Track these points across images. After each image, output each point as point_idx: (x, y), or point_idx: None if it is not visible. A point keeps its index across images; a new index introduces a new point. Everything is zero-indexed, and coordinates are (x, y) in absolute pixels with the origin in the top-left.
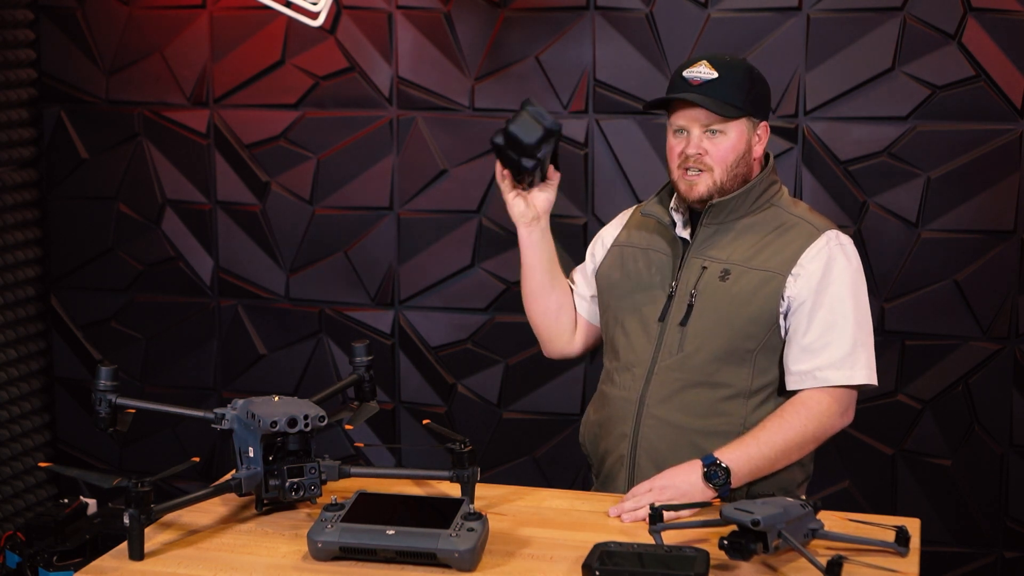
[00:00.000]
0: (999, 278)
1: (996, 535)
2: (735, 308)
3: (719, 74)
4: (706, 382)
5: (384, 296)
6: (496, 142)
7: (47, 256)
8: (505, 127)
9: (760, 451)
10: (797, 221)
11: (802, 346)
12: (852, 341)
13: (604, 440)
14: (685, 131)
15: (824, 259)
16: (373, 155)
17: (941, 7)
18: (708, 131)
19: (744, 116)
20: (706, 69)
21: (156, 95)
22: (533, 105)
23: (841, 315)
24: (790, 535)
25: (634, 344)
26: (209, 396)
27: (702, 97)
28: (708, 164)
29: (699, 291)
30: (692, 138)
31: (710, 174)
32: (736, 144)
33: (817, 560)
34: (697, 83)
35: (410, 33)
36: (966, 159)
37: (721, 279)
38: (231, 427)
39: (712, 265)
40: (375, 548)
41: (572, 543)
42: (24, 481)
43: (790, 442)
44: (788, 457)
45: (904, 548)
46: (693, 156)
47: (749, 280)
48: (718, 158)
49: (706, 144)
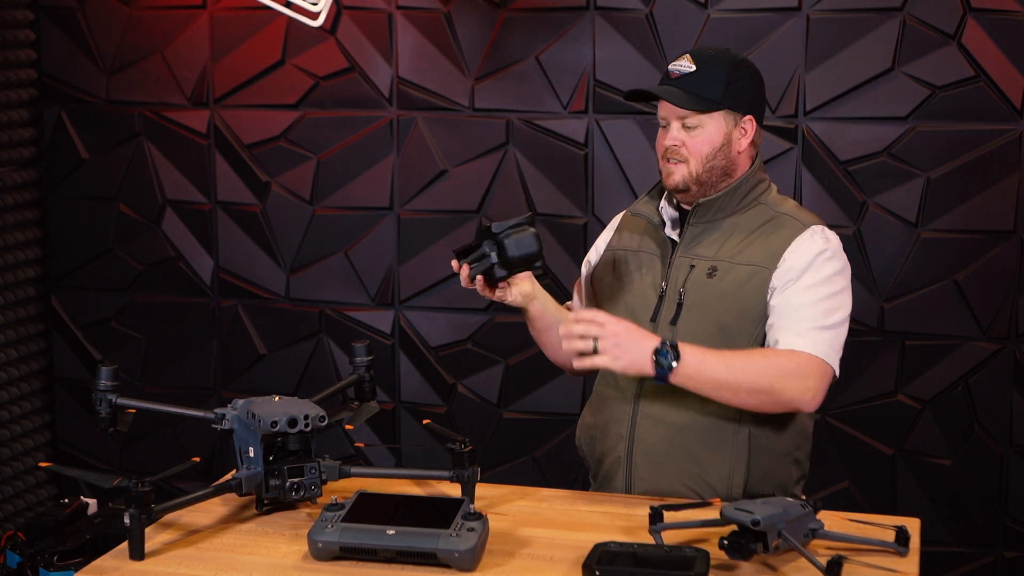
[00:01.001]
0: (999, 278)
1: (996, 535)
2: (723, 304)
3: (696, 67)
4: None
5: (384, 296)
6: (500, 275)
7: (47, 256)
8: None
9: (715, 363)
10: (784, 218)
11: (770, 323)
12: (815, 324)
13: (601, 442)
14: (667, 123)
15: (806, 250)
16: (373, 155)
17: (941, 7)
18: (684, 124)
19: (720, 109)
20: (686, 63)
21: (156, 95)
22: (496, 223)
23: (811, 299)
24: (790, 535)
25: None
26: (209, 396)
27: (670, 90)
28: (684, 155)
29: (687, 289)
30: (671, 130)
31: (686, 165)
32: (712, 137)
33: (817, 560)
34: (675, 76)
35: (410, 33)
36: (966, 159)
37: (708, 276)
38: (231, 427)
39: (700, 263)
40: (375, 548)
41: (572, 543)
42: (24, 481)
43: (743, 376)
44: (733, 390)
45: (904, 548)
46: (670, 147)
47: (735, 276)
48: (693, 150)
49: (682, 136)
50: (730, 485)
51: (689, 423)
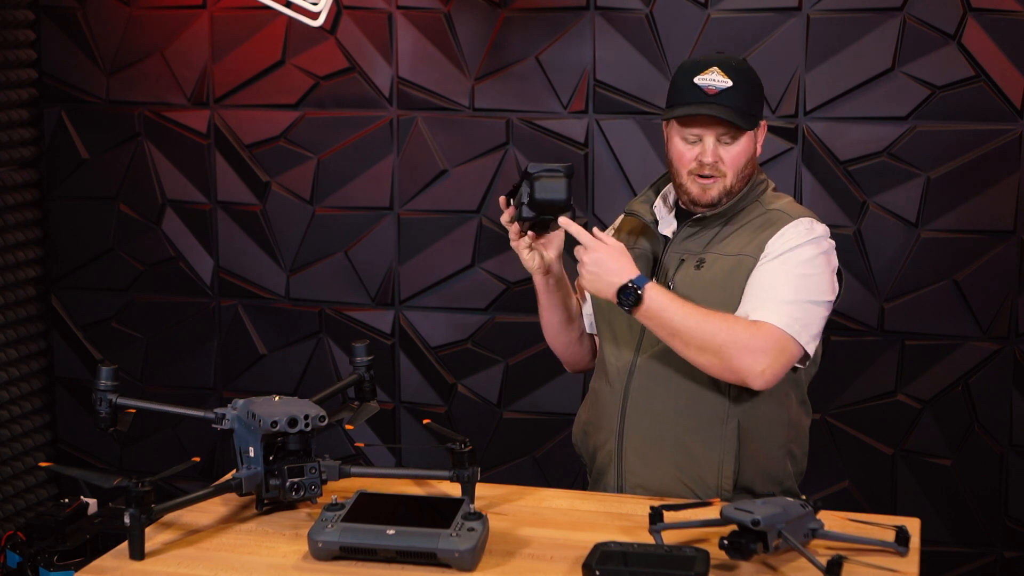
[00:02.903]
0: (999, 278)
1: (996, 535)
2: (709, 294)
3: (733, 82)
4: (686, 371)
5: (384, 296)
6: (525, 216)
7: (47, 256)
8: (528, 199)
9: (674, 312)
10: (776, 213)
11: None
12: (783, 298)
13: (593, 437)
14: (699, 138)
15: (788, 237)
16: (373, 155)
17: (941, 7)
18: (721, 139)
19: (760, 122)
20: (719, 76)
21: (156, 95)
22: (533, 164)
23: (783, 275)
24: (790, 535)
25: (619, 339)
26: (209, 396)
27: (723, 109)
28: (722, 170)
29: (676, 282)
30: (707, 146)
31: (723, 180)
32: (747, 148)
33: (817, 560)
34: (713, 92)
35: (410, 33)
36: (966, 159)
37: (696, 268)
38: (231, 427)
39: (689, 257)
40: (375, 548)
41: (572, 543)
42: (24, 481)
43: (697, 331)
44: (684, 342)
45: (904, 548)
46: (710, 164)
47: (722, 266)
48: (731, 164)
49: (720, 151)
50: (720, 476)
51: (677, 415)
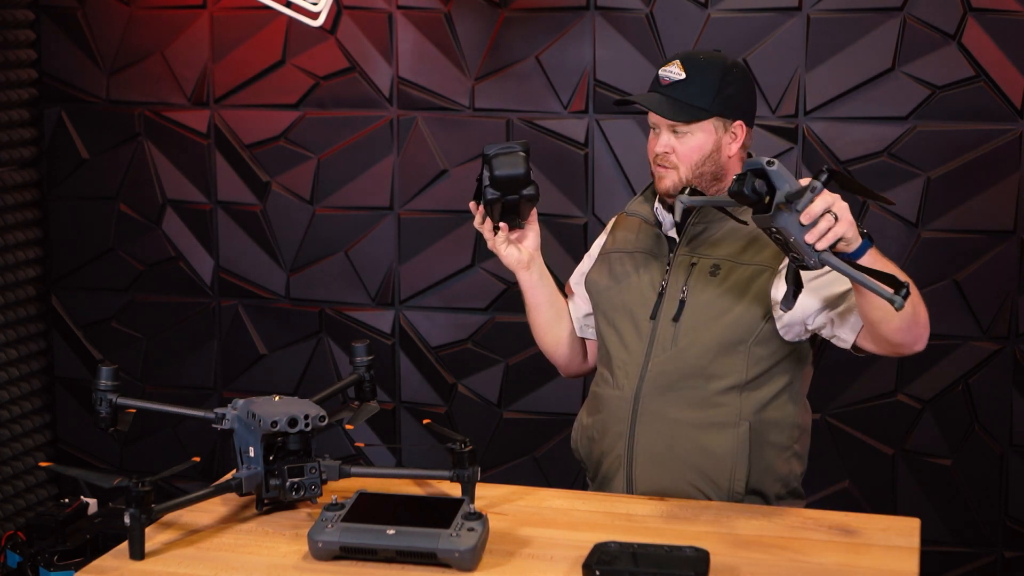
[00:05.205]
0: (999, 278)
1: (996, 535)
2: (728, 302)
3: (687, 75)
4: (700, 374)
5: (384, 296)
6: (490, 198)
7: (48, 256)
8: (489, 180)
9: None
10: None
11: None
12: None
13: (600, 442)
14: (657, 128)
15: None
16: (373, 155)
17: (941, 7)
18: (674, 131)
19: (708, 118)
20: (676, 69)
21: (156, 95)
22: (492, 144)
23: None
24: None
25: (627, 343)
26: (209, 396)
27: (660, 99)
28: (673, 162)
29: (690, 287)
30: (661, 136)
31: (676, 171)
32: (702, 144)
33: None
34: (666, 83)
35: (410, 33)
36: (966, 159)
37: (711, 274)
38: (231, 427)
39: (701, 261)
40: (375, 548)
41: (572, 543)
42: (25, 481)
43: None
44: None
45: (900, 300)
46: (660, 154)
47: (740, 275)
48: (683, 157)
49: (673, 142)
50: (732, 479)
51: (690, 419)
